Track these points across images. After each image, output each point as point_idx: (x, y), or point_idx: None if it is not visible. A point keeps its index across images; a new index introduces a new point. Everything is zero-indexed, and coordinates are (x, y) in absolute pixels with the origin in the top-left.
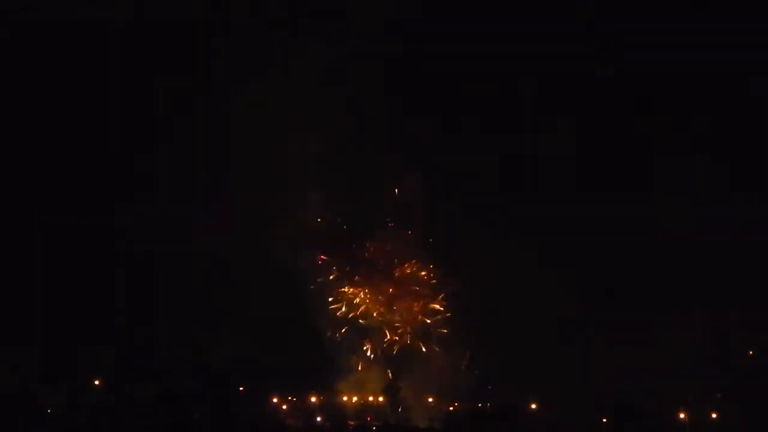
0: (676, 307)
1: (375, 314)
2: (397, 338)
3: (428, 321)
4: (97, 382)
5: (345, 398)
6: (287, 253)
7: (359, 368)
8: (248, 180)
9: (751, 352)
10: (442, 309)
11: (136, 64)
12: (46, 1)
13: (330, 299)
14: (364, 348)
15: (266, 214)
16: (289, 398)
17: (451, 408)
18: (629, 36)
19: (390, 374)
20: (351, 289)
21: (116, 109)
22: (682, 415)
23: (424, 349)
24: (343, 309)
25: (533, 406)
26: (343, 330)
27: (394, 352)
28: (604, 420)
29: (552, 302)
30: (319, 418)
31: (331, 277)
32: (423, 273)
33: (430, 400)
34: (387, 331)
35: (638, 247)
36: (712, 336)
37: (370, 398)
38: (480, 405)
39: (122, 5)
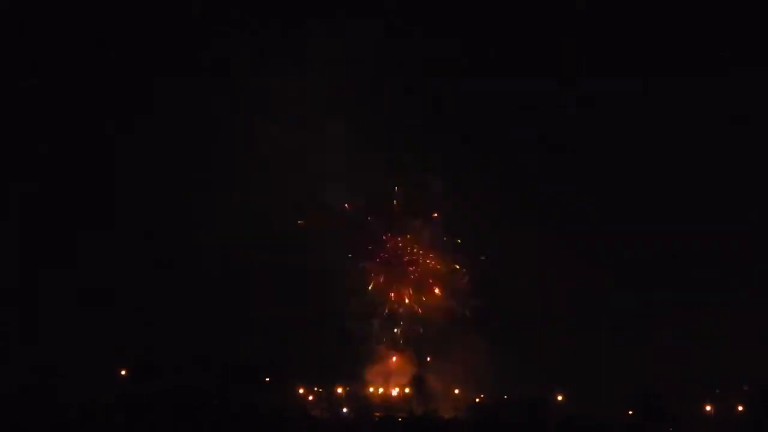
0: (703, 301)
1: (401, 303)
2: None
3: (455, 306)
4: (123, 372)
5: (371, 389)
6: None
7: (386, 359)
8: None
9: None
10: (468, 293)
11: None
12: None
13: (356, 289)
14: (391, 338)
15: (291, 206)
16: (315, 389)
17: (477, 399)
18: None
19: (417, 365)
20: (376, 278)
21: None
22: (708, 408)
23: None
24: (370, 298)
25: (560, 397)
26: (369, 320)
27: (421, 342)
28: (630, 412)
29: (579, 294)
30: (345, 410)
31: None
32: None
33: (457, 391)
34: (413, 319)
35: (668, 239)
36: (737, 329)
37: (397, 389)
38: (506, 396)
39: None
